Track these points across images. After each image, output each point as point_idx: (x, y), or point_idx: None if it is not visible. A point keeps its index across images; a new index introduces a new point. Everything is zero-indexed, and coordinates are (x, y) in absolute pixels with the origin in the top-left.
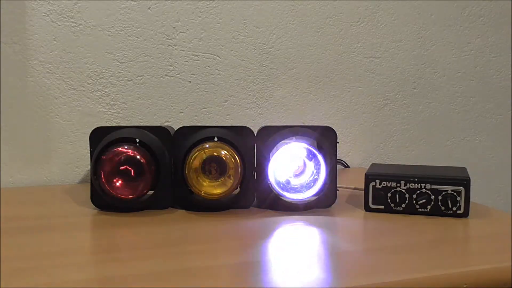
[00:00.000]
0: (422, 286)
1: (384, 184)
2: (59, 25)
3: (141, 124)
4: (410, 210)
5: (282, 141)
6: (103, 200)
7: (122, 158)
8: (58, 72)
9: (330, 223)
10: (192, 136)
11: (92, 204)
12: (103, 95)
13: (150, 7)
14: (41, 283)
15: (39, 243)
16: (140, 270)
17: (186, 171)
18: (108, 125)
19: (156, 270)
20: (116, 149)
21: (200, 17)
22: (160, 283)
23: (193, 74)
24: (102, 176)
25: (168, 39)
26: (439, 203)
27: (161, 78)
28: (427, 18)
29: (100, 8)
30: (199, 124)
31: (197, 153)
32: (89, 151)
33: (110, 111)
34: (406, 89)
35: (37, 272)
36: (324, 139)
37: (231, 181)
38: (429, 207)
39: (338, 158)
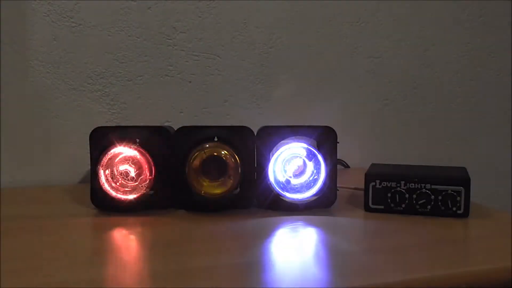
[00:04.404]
0: (422, 286)
1: (384, 184)
2: (59, 25)
3: (141, 124)
4: (410, 210)
5: (282, 141)
6: (103, 200)
7: (122, 158)
8: (58, 72)
9: (330, 223)
10: (192, 136)
11: (92, 204)
12: (103, 95)
13: (150, 7)
14: (41, 283)
15: (39, 243)
16: (140, 270)
17: (186, 171)
18: (108, 125)
19: (156, 270)
20: (116, 149)
21: (200, 17)
22: (160, 283)
23: (193, 74)
24: (102, 176)
25: (168, 39)
26: (439, 203)
27: (161, 78)
28: (427, 18)
29: (100, 8)
30: (199, 124)
31: (197, 153)
32: (89, 151)
33: (110, 111)
34: (406, 89)
35: (37, 272)
36: (324, 139)
37: (231, 181)
38: (429, 207)
39: (338, 158)
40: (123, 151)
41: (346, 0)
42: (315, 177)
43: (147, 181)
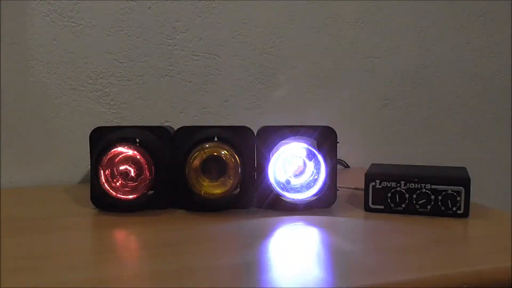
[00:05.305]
0: (422, 286)
1: (384, 184)
2: (59, 25)
3: (141, 124)
4: (410, 210)
5: (282, 141)
6: (103, 200)
7: (122, 158)
8: (58, 72)
9: (330, 223)
10: (192, 136)
11: (92, 204)
12: (103, 95)
13: (150, 7)
14: (41, 283)
15: (39, 243)
16: (140, 270)
17: (186, 171)
18: (108, 125)
19: (156, 270)
20: (116, 149)
21: (200, 17)
22: (160, 283)
23: (193, 74)
24: (102, 176)
25: (168, 39)
26: (439, 203)
27: (161, 78)
28: (427, 18)
29: (100, 8)
30: (199, 124)
31: (197, 153)
32: (89, 151)
33: (110, 111)
34: (406, 89)
35: (37, 272)
36: (324, 139)
37: (231, 181)
38: (429, 207)
39: (338, 158)
40: (123, 151)
41: (346, 0)
42: (315, 177)
43: (147, 181)
